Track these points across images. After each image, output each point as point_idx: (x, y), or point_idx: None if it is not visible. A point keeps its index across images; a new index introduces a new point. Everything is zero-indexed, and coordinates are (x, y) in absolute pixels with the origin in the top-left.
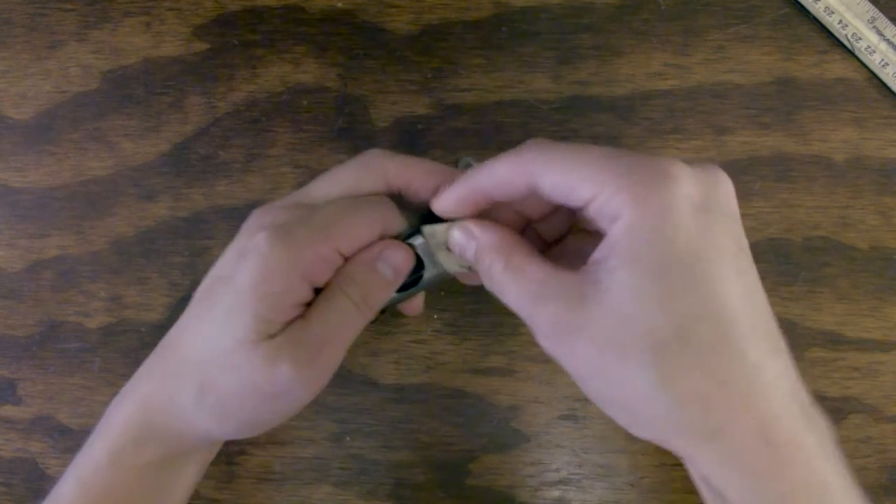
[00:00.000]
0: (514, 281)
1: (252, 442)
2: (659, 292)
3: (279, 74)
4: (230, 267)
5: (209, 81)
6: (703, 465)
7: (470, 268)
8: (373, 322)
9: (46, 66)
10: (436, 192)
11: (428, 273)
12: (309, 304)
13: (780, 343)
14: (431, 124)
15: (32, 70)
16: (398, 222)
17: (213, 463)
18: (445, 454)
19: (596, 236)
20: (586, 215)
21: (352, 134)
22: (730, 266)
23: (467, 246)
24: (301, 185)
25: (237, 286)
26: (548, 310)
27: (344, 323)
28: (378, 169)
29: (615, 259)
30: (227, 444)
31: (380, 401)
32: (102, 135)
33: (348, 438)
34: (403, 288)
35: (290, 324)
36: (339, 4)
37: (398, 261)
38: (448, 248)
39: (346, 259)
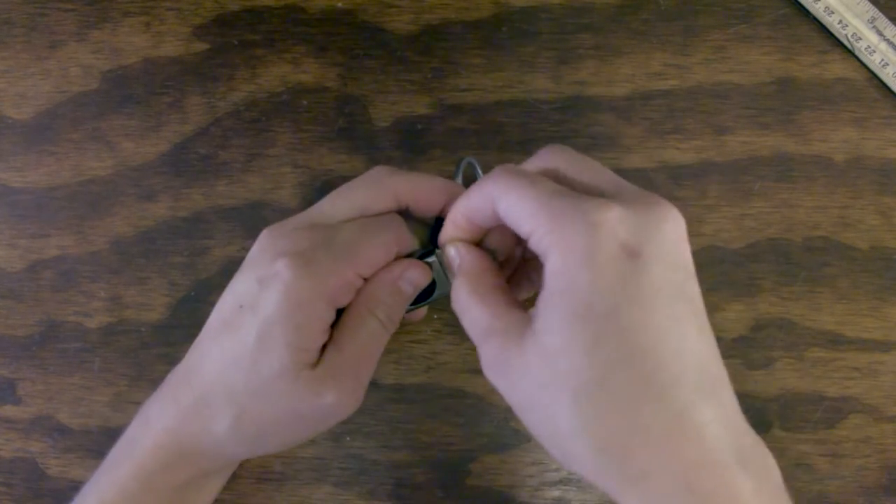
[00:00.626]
0: (473, 308)
1: None
2: (583, 337)
3: (279, 74)
4: (252, 295)
5: (209, 81)
6: None
7: None
8: None
9: (46, 66)
10: (443, 208)
11: (440, 289)
12: (333, 324)
13: (716, 385)
14: (431, 124)
15: (32, 70)
16: (411, 242)
17: None
18: (445, 454)
19: None
20: (532, 249)
21: (352, 134)
22: (659, 312)
23: (453, 264)
24: (301, 185)
25: (265, 316)
26: (492, 343)
27: (375, 343)
28: (387, 187)
29: (545, 301)
30: None
31: (380, 401)
32: (102, 135)
33: (348, 438)
34: (415, 303)
35: (323, 349)
36: (339, 4)
37: (419, 279)
38: None
39: (365, 280)
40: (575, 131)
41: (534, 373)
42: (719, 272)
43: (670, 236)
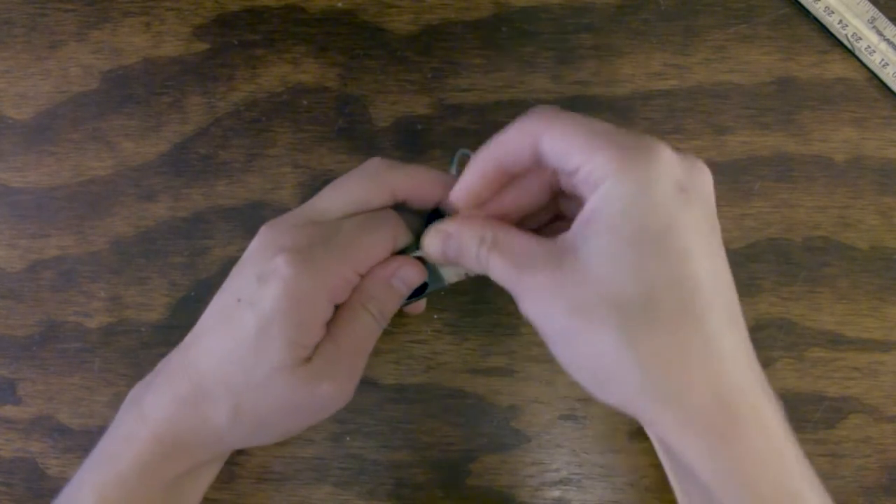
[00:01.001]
0: (500, 255)
1: None
2: (631, 259)
3: (279, 74)
4: (251, 290)
5: (209, 81)
6: (662, 428)
7: (467, 274)
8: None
9: (46, 66)
10: (439, 201)
11: (432, 284)
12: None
13: (739, 319)
14: (431, 124)
15: (32, 70)
16: (406, 237)
17: None
18: (445, 454)
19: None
20: (574, 182)
21: (352, 134)
22: (701, 243)
23: (448, 245)
24: (301, 185)
25: (264, 311)
26: (529, 278)
27: (368, 336)
28: (383, 180)
29: (593, 225)
30: None
31: (380, 401)
32: (102, 135)
33: (348, 438)
34: (410, 298)
35: (319, 343)
36: (339, 4)
37: (413, 278)
38: None
39: (362, 276)
40: None
41: (577, 296)
42: None
43: (707, 185)
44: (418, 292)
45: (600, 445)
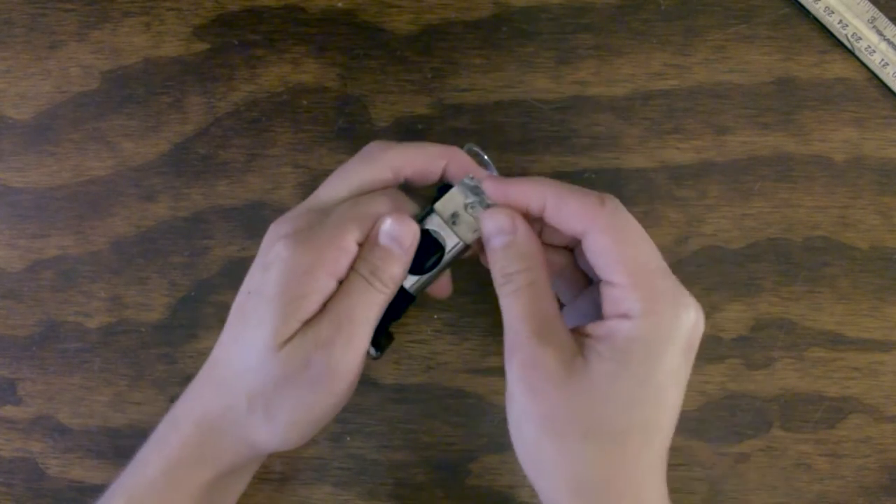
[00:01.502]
0: (527, 303)
1: None
2: (628, 395)
3: (279, 74)
4: (257, 281)
5: (209, 81)
6: None
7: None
8: (411, 305)
9: (46, 66)
10: (442, 174)
11: (449, 252)
12: None
13: (665, 454)
14: (431, 124)
15: (32, 70)
16: (409, 205)
17: None
18: (445, 454)
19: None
20: (603, 285)
21: (352, 134)
22: (680, 396)
23: (504, 231)
24: (301, 185)
25: (266, 296)
26: (540, 352)
27: (359, 299)
28: (383, 161)
29: (607, 350)
30: None
31: (380, 401)
32: (102, 135)
33: (348, 438)
34: (429, 269)
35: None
36: (339, 4)
37: (397, 230)
38: (461, 215)
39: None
40: (575, 131)
41: (566, 403)
42: (719, 272)
43: (700, 336)
44: (434, 264)
45: None
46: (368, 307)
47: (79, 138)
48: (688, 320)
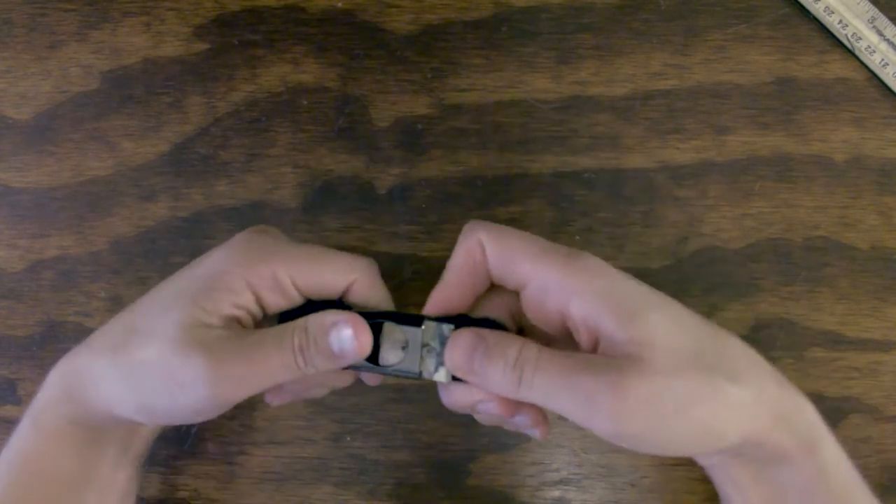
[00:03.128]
0: (547, 381)
1: (252, 442)
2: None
3: (279, 74)
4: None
5: (209, 81)
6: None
7: (454, 377)
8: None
9: (46, 66)
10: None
11: (407, 365)
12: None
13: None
14: (431, 124)
15: (32, 70)
16: (378, 290)
17: (213, 463)
18: (445, 454)
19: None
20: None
21: (352, 134)
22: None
23: (476, 350)
24: (301, 185)
25: (194, 272)
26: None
27: (273, 357)
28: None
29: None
30: (227, 444)
31: (380, 401)
32: (102, 135)
33: (348, 438)
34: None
35: (231, 326)
36: (339, 4)
37: (347, 345)
38: (411, 348)
39: (308, 298)
40: (575, 131)
41: (643, 419)
42: (719, 272)
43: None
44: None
45: (600, 445)
46: (277, 371)
47: (79, 138)
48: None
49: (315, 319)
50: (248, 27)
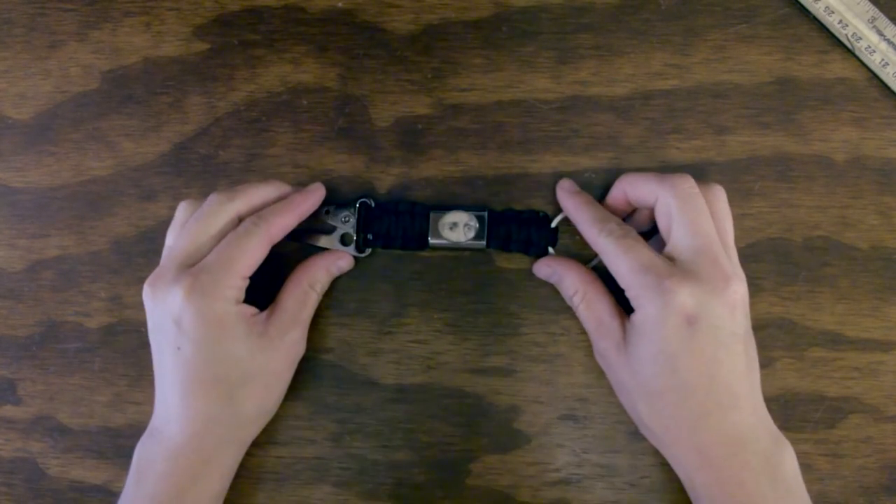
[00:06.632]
0: (588, 310)
1: (252, 442)
2: (653, 367)
3: (279, 74)
4: (176, 336)
5: (209, 81)
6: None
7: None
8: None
9: (46, 66)
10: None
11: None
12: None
13: (741, 399)
14: (431, 124)
15: (32, 70)
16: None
17: None
18: (445, 454)
19: None
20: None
21: (352, 134)
22: (698, 362)
23: (551, 276)
24: (301, 185)
25: (193, 342)
26: (601, 343)
27: (306, 302)
28: (229, 212)
29: (634, 332)
30: None
31: (380, 401)
32: (102, 135)
33: (348, 438)
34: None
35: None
36: (340, 4)
37: (346, 268)
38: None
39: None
40: (575, 131)
41: (625, 372)
42: None
43: (721, 308)
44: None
45: (600, 445)
46: (312, 307)
47: (79, 138)
48: (672, 302)
49: (317, 269)
50: (248, 27)
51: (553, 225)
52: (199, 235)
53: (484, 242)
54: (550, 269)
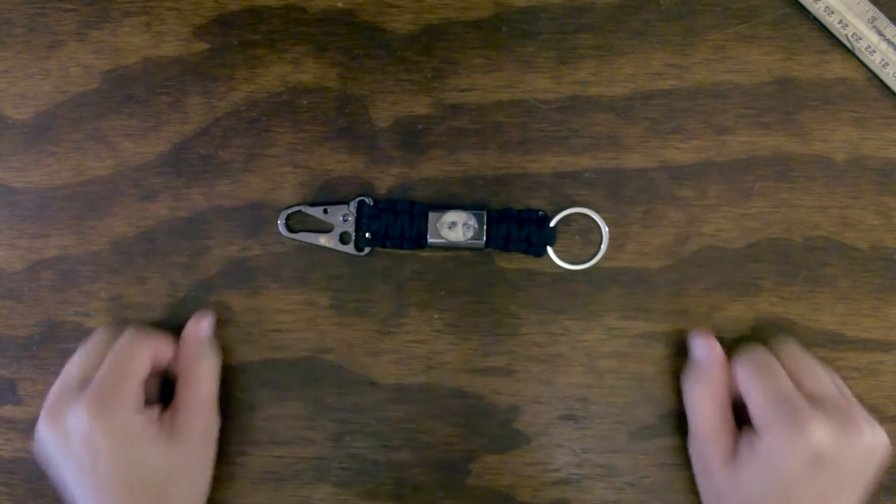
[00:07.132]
0: (704, 399)
1: (252, 442)
2: (762, 489)
3: (279, 74)
4: (87, 462)
5: (209, 81)
6: None
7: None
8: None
9: (46, 66)
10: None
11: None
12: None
13: None
14: (431, 124)
15: (32, 70)
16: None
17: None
18: (445, 454)
19: None
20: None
21: (352, 134)
22: (815, 497)
23: (708, 348)
24: (301, 185)
25: (105, 465)
26: (710, 449)
27: (210, 375)
28: (146, 348)
29: (750, 458)
30: (227, 444)
31: (380, 401)
32: (102, 135)
33: (348, 438)
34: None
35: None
36: (340, 4)
37: (213, 321)
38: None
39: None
40: (575, 131)
41: (727, 483)
42: (719, 272)
43: (856, 451)
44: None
45: (600, 445)
46: (215, 375)
47: (79, 138)
48: (802, 436)
49: (191, 343)
50: (248, 27)
51: (552, 224)
52: (85, 360)
53: (483, 242)
54: (709, 346)
